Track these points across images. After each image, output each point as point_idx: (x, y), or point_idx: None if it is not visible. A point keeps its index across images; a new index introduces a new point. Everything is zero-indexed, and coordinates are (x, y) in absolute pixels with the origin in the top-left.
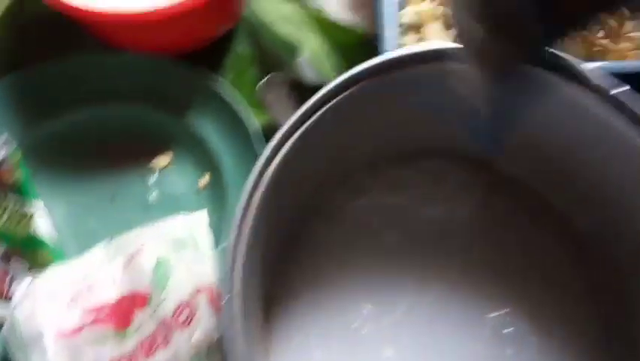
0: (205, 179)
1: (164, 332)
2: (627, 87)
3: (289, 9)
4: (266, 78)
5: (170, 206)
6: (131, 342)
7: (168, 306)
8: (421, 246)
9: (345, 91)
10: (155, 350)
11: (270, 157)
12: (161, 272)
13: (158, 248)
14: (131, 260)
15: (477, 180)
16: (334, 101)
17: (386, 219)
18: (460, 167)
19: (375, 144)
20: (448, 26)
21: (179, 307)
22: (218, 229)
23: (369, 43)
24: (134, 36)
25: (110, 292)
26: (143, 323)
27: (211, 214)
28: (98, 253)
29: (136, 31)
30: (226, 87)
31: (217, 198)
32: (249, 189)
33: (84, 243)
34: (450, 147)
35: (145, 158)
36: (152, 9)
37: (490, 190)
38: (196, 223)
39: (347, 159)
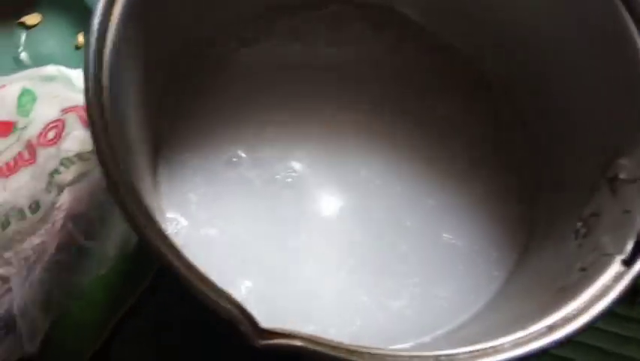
0: (81, 37)
1: (28, 152)
2: None
3: None
4: None
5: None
6: None
7: (34, 129)
8: (323, 92)
9: None
10: (19, 169)
11: None
12: (25, 99)
13: (23, 82)
14: None
15: (383, 26)
16: None
17: (284, 67)
18: (363, 12)
19: None
20: None
21: (45, 128)
22: None
23: None
24: None
25: None
26: (7, 148)
27: None
28: None
29: None
30: None
31: None
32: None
33: None
34: None
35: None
36: None
37: (399, 37)
38: (69, 71)
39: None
